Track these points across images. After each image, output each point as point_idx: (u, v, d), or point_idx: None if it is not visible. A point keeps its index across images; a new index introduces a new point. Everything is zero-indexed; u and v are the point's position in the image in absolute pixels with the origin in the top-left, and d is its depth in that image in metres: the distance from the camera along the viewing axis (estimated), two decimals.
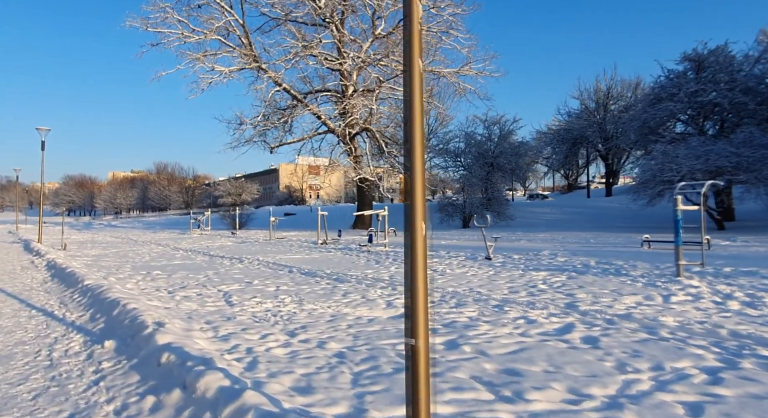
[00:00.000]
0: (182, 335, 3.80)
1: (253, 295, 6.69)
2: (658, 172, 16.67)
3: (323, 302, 6.03)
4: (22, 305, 6.45)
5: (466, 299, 6.08)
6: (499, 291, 6.57)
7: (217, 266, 10.70)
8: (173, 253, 14.69)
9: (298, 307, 5.74)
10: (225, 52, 22.95)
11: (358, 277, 8.33)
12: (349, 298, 6.33)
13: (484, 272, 8.62)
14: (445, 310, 5.43)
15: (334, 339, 4.16)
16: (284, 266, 10.49)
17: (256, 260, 11.89)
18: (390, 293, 6.65)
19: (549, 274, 8.00)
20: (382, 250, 13.73)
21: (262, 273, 9.27)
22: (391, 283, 7.52)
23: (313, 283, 7.82)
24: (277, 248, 15.91)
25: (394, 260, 10.88)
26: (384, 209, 14.35)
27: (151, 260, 12.45)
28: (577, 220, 26.92)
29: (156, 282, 8.14)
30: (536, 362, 3.29)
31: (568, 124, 38.89)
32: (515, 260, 10.19)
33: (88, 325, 5.00)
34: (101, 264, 11.48)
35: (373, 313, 5.48)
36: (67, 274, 8.48)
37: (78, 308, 5.87)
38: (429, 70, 23.34)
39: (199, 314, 5.31)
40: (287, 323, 4.87)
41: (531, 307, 5.40)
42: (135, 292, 6.77)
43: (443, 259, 10.88)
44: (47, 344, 4.40)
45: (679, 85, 19.91)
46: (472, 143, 31.86)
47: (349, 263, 10.86)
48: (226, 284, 7.82)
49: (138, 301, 5.36)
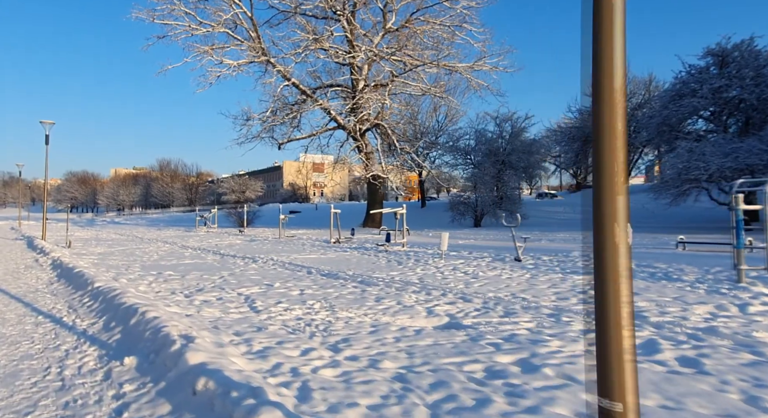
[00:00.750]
0: (215, 352, 3.27)
1: (277, 299, 6.16)
2: (683, 171, 16.06)
3: (357, 309, 5.49)
4: (28, 309, 5.93)
5: (513, 306, 5.53)
6: (546, 297, 6.02)
7: (230, 266, 10.18)
8: (182, 251, 14.18)
9: (331, 314, 5.21)
10: (233, 45, 22.40)
11: (384, 279, 7.79)
12: (384, 304, 5.80)
13: (519, 274, 8.07)
14: (496, 319, 4.89)
15: (386, 356, 3.62)
16: (302, 266, 9.97)
17: (270, 259, 11.36)
18: (426, 299, 6.11)
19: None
20: (400, 250, 13.19)
21: (281, 274, 8.74)
22: (423, 287, 6.98)
23: (338, 286, 7.28)
24: (289, 246, 15.38)
25: (416, 261, 10.33)
26: (402, 206, 13.79)
27: (160, 259, 11.94)
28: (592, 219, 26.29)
29: (170, 284, 7.61)
30: (647, 395, 2.74)
31: (578, 121, 38.20)
32: (546, 262, 9.64)
33: (103, 335, 4.47)
34: (109, 263, 10.97)
35: (416, 322, 4.95)
36: (74, 274, 7.96)
37: (89, 315, 5.34)
38: (443, 66, 22.74)
39: (225, 322, 4.78)
40: (325, 334, 4.34)
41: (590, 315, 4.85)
42: (150, 295, 6.25)
43: (468, 260, 10.33)
44: (57, 358, 3.88)
45: (702, 81, 19.27)
46: (482, 141, 31.29)
47: (369, 263, 10.32)
48: (245, 286, 7.29)
49: (156, 307, 4.83)
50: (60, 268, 9.48)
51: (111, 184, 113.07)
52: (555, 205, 33.73)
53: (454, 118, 34.93)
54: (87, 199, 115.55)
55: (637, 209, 28.34)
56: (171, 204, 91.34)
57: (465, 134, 33.65)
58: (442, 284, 7.22)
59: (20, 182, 69.99)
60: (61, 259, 10.53)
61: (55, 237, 22.99)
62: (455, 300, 6.00)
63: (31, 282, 8.33)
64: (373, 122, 23.79)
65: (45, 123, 16.51)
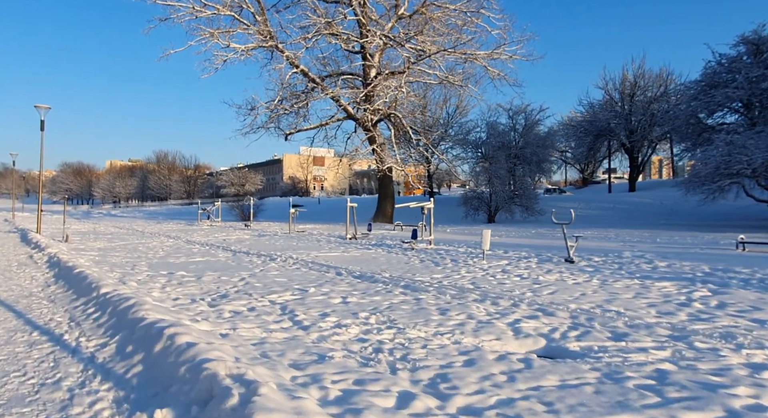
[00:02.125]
0: (288, 408, 2.25)
1: (320, 310, 5.16)
2: (722, 164, 15.07)
3: (425, 325, 4.49)
4: (20, 321, 4.89)
5: (613, 323, 4.54)
6: (643, 311, 5.04)
7: (247, 265, 9.15)
8: (189, 247, 13.13)
9: (398, 333, 4.20)
10: (240, 29, 21.17)
11: (431, 284, 6.78)
12: (452, 318, 4.80)
13: (584, 279, 7.08)
14: (609, 343, 3.90)
15: (516, 408, 2.62)
16: (327, 266, 8.95)
17: (289, 257, 10.33)
18: (498, 311, 5.11)
19: (676, 285, 6.47)
20: (427, 247, 12.17)
21: (308, 276, 7.72)
22: (484, 294, 5.98)
23: (382, 292, 6.28)
24: (303, 243, 14.35)
25: (455, 262, 9.32)
26: (430, 200, 12.77)
27: (167, 256, 10.89)
28: (611, 216, 25.41)
29: (186, 288, 6.58)
30: None
31: (590, 115, 37.19)
32: (602, 264, 8.66)
33: (117, 365, 3.43)
34: (111, 261, 9.91)
35: (508, 345, 3.96)
36: (75, 275, 6.90)
37: (97, 332, 4.30)
38: (461, 53, 21.59)
39: (273, 346, 3.76)
40: (410, 367, 3.33)
41: (731, 340, 3.87)
42: (167, 304, 5.22)
43: (512, 260, 9.33)
44: (58, 402, 2.85)
45: (735, 71, 18.26)
46: (494, 133, 30.26)
47: (402, 263, 9.31)
48: (275, 292, 6.27)
49: (182, 324, 3.81)
50: (57, 266, 8.42)
51: (107, 176, 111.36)
52: (567, 201, 32.76)
53: (465, 110, 33.85)
54: (82, 191, 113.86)
55: (655, 205, 27.45)
56: (168, 197, 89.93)
57: (476, 127, 32.63)
58: (503, 291, 6.22)
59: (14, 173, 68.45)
60: (59, 256, 9.45)
61: (50, 230, 21.85)
62: (534, 313, 5.01)
63: (24, 284, 7.27)
64: (385, 112, 22.66)
65: (40, 107, 15.33)
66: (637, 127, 34.04)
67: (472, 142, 32.00)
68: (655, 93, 33.69)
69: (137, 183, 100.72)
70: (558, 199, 33.42)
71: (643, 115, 32.86)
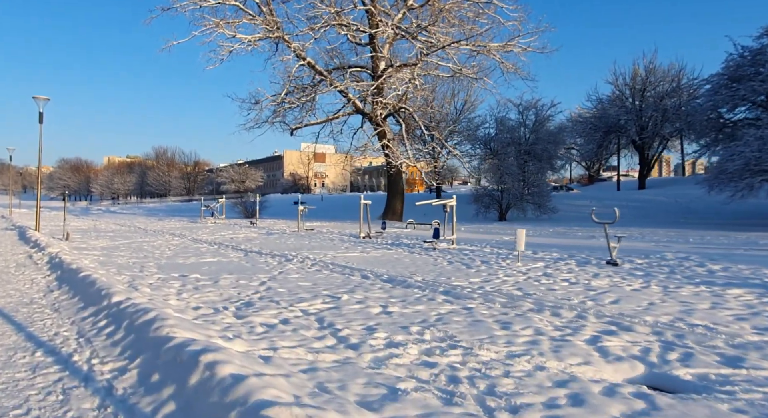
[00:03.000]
0: None
1: (362, 322, 4.53)
2: (753, 161, 14.45)
3: (492, 343, 3.86)
4: (20, 336, 4.24)
5: (712, 342, 3.92)
6: (737, 327, 4.40)
7: (264, 267, 8.51)
8: (197, 246, 12.47)
9: (468, 356, 3.56)
10: (246, 19, 20.41)
11: (473, 289, 6.15)
12: (518, 333, 4.17)
13: (640, 284, 6.45)
14: (726, 371, 3.27)
15: None
16: (350, 268, 8.32)
17: (306, 258, 9.69)
18: (565, 325, 4.49)
19: (752, 293, 5.84)
20: (450, 248, 11.53)
21: (333, 280, 7.09)
22: (539, 303, 5.34)
23: (423, 300, 5.64)
24: (316, 241, 13.70)
25: (487, 264, 8.68)
26: (452, 197, 12.13)
27: (175, 256, 10.24)
28: (627, 214, 24.73)
29: (204, 294, 5.93)
30: None
31: (599, 111, 36.53)
32: (646, 266, 8.04)
33: (142, 400, 2.79)
34: (117, 261, 9.25)
35: (603, 372, 3.33)
36: (80, 280, 6.25)
37: (112, 352, 3.66)
38: (475, 45, 20.87)
39: (328, 375, 3.12)
40: (508, 406, 2.69)
41: None
42: (188, 315, 4.57)
43: (548, 262, 8.69)
44: None
45: (760, 63, 17.61)
46: (503, 129, 29.60)
47: (429, 265, 8.67)
48: (303, 299, 5.64)
49: (214, 343, 3.16)
50: (60, 268, 7.75)
51: (105, 172, 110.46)
52: (576, 199, 32.17)
53: (473, 105, 33.14)
54: (80, 187, 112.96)
55: (669, 203, 26.87)
56: (168, 193, 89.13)
57: (484, 122, 31.97)
58: (558, 299, 5.59)
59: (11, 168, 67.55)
60: (61, 256, 8.79)
61: (49, 227, 21.17)
62: (608, 327, 4.39)
63: (23, 289, 6.61)
64: (395, 106, 21.96)
65: (39, 99, 14.61)
66: (648, 124, 33.40)
67: (480, 138, 31.34)
68: (667, 89, 33.02)
69: (136, 179, 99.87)
70: (567, 197, 32.81)
71: (654, 111, 32.19)
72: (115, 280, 6.47)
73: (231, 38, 19.59)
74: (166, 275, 7.57)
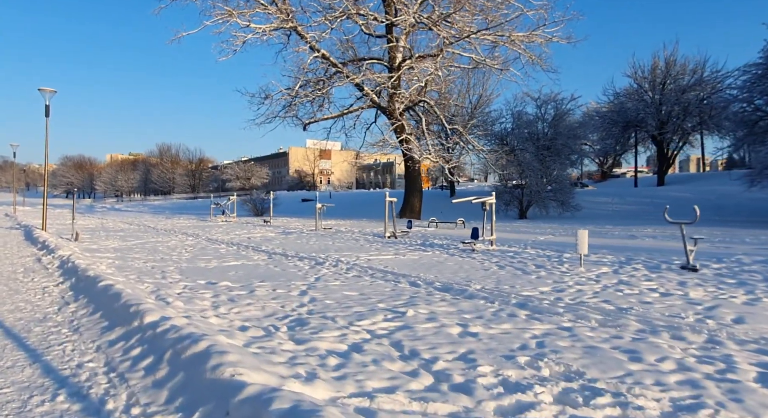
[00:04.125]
0: None
1: (451, 349, 3.70)
2: None
3: (637, 384, 3.02)
4: (35, 368, 3.42)
5: None
6: None
7: (295, 272, 7.69)
8: (214, 247, 11.65)
9: (625, 406, 2.72)
10: (259, 8, 19.52)
11: (551, 301, 5.31)
12: (658, 367, 3.34)
13: (748, 296, 5.59)
14: None
15: None
16: (392, 273, 7.51)
17: (339, 261, 8.86)
18: (702, 352, 3.65)
19: None
20: (490, 249, 10.67)
21: (380, 288, 6.27)
22: (645, 321, 4.50)
23: (502, 315, 4.80)
24: (340, 242, 12.86)
25: (542, 267, 7.82)
26: (491, 195, 11.28)
27: (194, 258, 9.43)
28: (655, 211, 23.86)
29: (243, 308, 5.10)
30: None
31: (616, 106, 35.51)
32: (727, 272, 7.18)
33: None
34: (134, 265, 8.44)
35: None
36: (100, 290, 5.43)
37: (157, 399, 2.82)
38: (494, 35, 19.91)
39: None
40: None
41: None
42: (237, 339, 3.74)
43: (611, 266, 7.82)
44: None
45: None
46: (520, 124, 28.64)
47: (479, 270, 7.82)
48: (360, 314, 4.82)
49: (294, 391, 2.34)
50: (74, 275, 6.94)
51: (109, 170, 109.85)
52: (596, 195, 31.25)
53: (489, 99, 32.17)
54: (83, 184, 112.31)
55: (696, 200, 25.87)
56: (172, 191, 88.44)
57: (500, 117, 30.99)
58: (665, 316, 4.74)
59: (14, 165, 66.96)
60: (73, 260, 7.98)
61: (56, 226, 20.42)
62: (761, 358, 3.54)
63: (34, 300, 5.80)
64: (415, 99, 21.06)
65: (45, 91, 13.78)
66: (668, 118, 32.38)
67: (496, 134, 30.38)
68: (689, 81, 31.99)
69: (140, 176, 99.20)
70: (584, 193, 31.86)
71: (675, 105, 31.17)
72: (140, 290, 5.65)
73: (244, 28, 18.70)
74: (192, 282, 6.75)
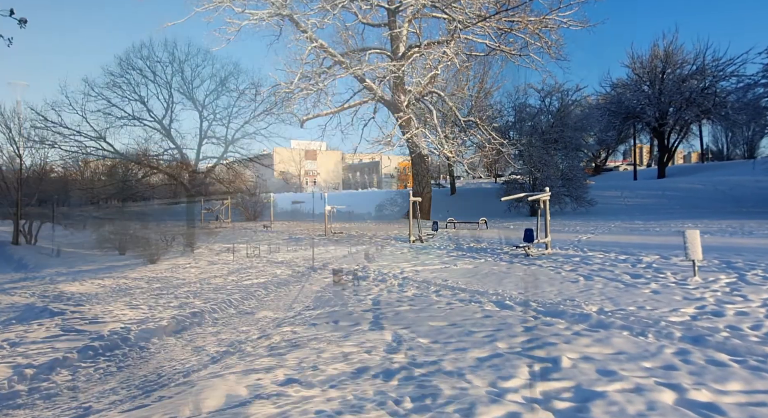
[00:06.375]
0: None
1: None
2: None
3: None
4: None
5: None
6: None
7: (341, 291, 6.14)
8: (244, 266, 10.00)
9: None
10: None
11: (733, 335, 3.94)
12: None
13: None
14: None
15: None
16: (460, 289, 6.15)
17: (383, 274, 7.39)
18: None
19: None
20: (546, 253, 9.29)
21: (469, 315, 4.87)
22: None
23: (697, 362, 3.40)
24: (367, 250, 11.33)
25: (640, 277, 6.46)
26: (545, 190, 9.92)
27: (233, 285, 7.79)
28: (670, 205, 23.00)
29: (322, 361, 3.58)
30: None
31: (614, 97, 34.71)
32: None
33: None
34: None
35: None
36: None
37: None
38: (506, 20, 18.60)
39: None
40: None
41: None
42: None
43: (718, 272, 6.51)
44: None
45: None
46: (524, 117, 27.53)
47: (566, 282, 6.42)
48: (498, 367, 3.36)
49: None
50: None
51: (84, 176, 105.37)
52: (598, 190, 30.32)
53: (488, 92, 30.89)
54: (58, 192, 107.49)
55: (707, 191, 25.19)
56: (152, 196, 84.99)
57: (501, 110, 29.85)
58: None
59: None
60: None
61: None
62: None
63: None
64: (424, 90, 19.63)
65: (17, 84, 11.85)
66: (668, 108, 31.69)
67: (498, 128, 29.17)
68: (690, 70, 31.33)
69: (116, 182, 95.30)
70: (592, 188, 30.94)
71: (678, 94, 30.45)
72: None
73: (240, 14, 16.95)
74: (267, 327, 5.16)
